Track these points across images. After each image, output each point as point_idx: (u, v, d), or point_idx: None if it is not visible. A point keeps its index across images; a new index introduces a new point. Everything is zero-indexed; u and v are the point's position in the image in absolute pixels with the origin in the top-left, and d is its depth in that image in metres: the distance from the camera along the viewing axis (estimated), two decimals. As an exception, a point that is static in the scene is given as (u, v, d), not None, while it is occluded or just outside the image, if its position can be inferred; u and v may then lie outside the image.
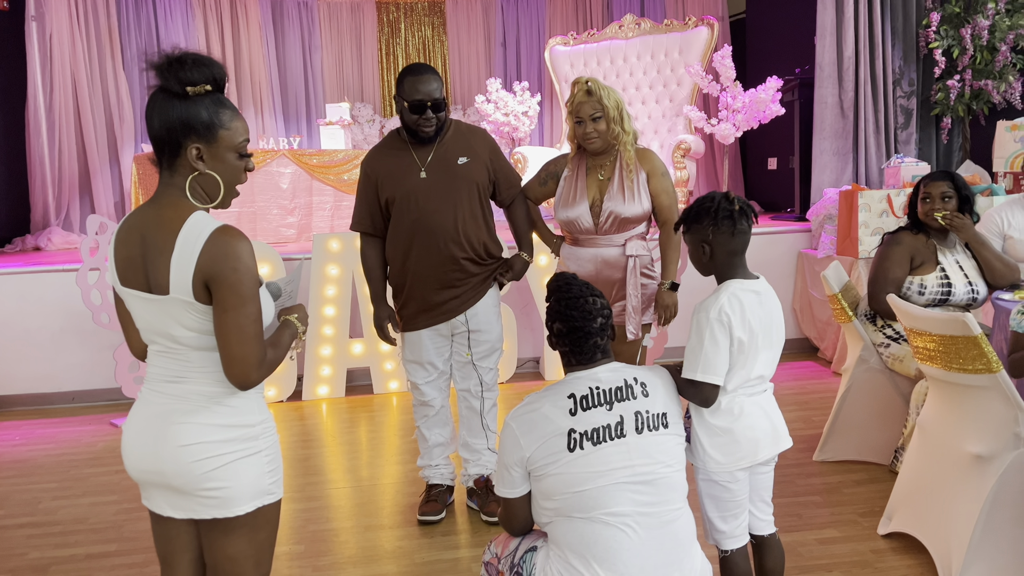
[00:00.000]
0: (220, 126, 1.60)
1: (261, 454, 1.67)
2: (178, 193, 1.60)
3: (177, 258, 1.53)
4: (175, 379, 1.63)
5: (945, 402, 2.56)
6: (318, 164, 6.70)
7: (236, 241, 1.55)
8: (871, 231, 4.71)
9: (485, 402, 3.12)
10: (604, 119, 2.82)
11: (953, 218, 3.18)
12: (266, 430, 1.69)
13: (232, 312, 1.54)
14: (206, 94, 1.59)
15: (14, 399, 4.96)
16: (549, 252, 3.92)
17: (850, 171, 6.01)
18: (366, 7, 9.28)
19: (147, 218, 1.59)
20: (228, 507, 1.63)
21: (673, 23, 7.32)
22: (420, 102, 2.81)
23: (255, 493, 1.66)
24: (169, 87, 1.56)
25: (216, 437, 1.61)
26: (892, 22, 5.90)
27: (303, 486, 3.56)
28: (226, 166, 1.63)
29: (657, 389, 1.92)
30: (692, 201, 2.15)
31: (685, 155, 6.34)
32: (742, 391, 2.04)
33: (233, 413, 1.63)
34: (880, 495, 3.12)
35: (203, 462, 1.60)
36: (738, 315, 1.99)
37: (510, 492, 1.91)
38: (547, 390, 1.91)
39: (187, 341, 1.60)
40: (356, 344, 4.98)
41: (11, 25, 7.11)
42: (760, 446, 2.04)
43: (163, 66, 1.56)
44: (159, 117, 1.57)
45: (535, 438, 1.83)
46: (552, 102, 8.72)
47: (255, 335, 1.57)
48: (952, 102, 5.80)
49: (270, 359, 1.63)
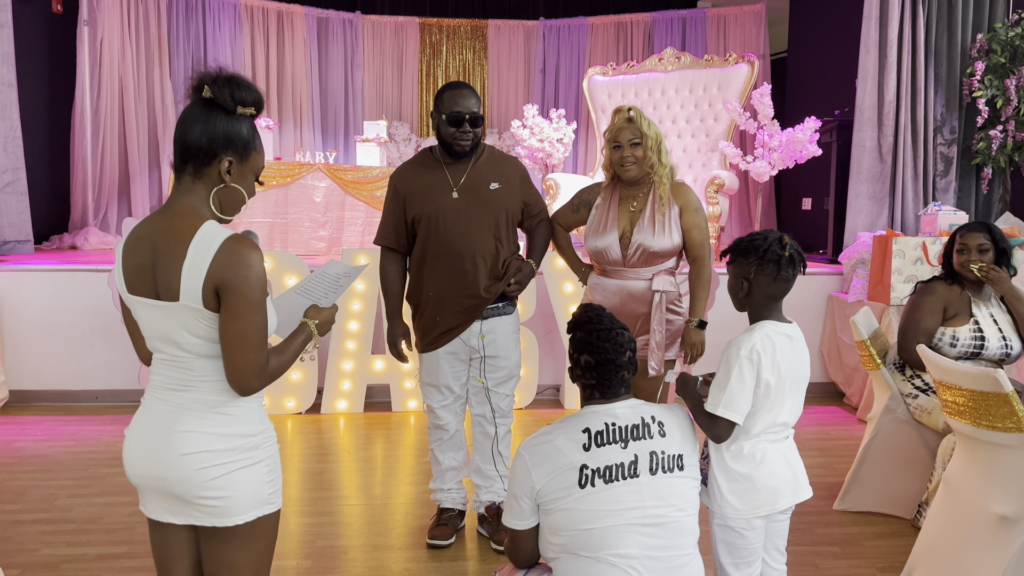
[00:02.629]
0: (254, 148, 1.69)
1: (261, 464, 1.69)
2: (194, 202, 1.65)
3: (189, 264, 1.57)
4: (179, 387, 1.65)
5: (972, 459, 2.50)
6: (352, 180, 6.77)
7: (248, 250, 1.59)
8: (904, 278, 4.64)
9: (499, 428, 3.09)
10: (642, 147, 2.81)
11: (989, 270, 3.12)
12: (267, 440, 1.71)
13: (240, 320, 1.58)
14: (249, 116, 1.68)
15: (39, 394, 5.03)
16: (576, 280, 3.90)
17: (885, 216, 5.94)
18: (409, 28, 9.41)
19: (159, 227, 1.63)
20: (228, 516, 1.65)
21: (714, 59, 7.33)
22: (459, 114, 2.82)
23: (255, 503, 1.68)
24: (223, 102, 1.63)
25: (218, 446, 1.63)
26: (936, 68, 5.85)
27: (315, 500, 3.55)
28: (247, 185, 1.71)
29: (674, 430, 1.89)
30: (738, 237, 2.14)
31: (719, 191, 6.31)
32: (765, 437, 2.01)
33: (234, 422, 1.66)
34: (901, 550, 3.04)
35: (205, 471, 1.62)
36: (769, 356, 1.97)
37: (518, 524, 1.88)
38: (562, 422, 1.89)
39: (192, 348, 1.63)
40: (378, 360, 4.98)
41: (63, 28, 7.31)
42: (780, 495, 2.01)
43: (220, 81, 1.63)
44: (203, 126, 1.63)
45: (546, 470, 1.81)
46: (588, 131, 8.75)
47: (259, 343, 1.61)
48: (994, 152, 5.73)
49: (272, 367, 1.66)
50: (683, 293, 2.95)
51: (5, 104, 5.87)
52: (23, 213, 6.05)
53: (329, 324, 1.87)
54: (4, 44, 5.84)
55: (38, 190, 6.46)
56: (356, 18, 9.16)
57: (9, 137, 5.91)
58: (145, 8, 7.85)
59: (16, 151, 5.96)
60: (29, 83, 6.39)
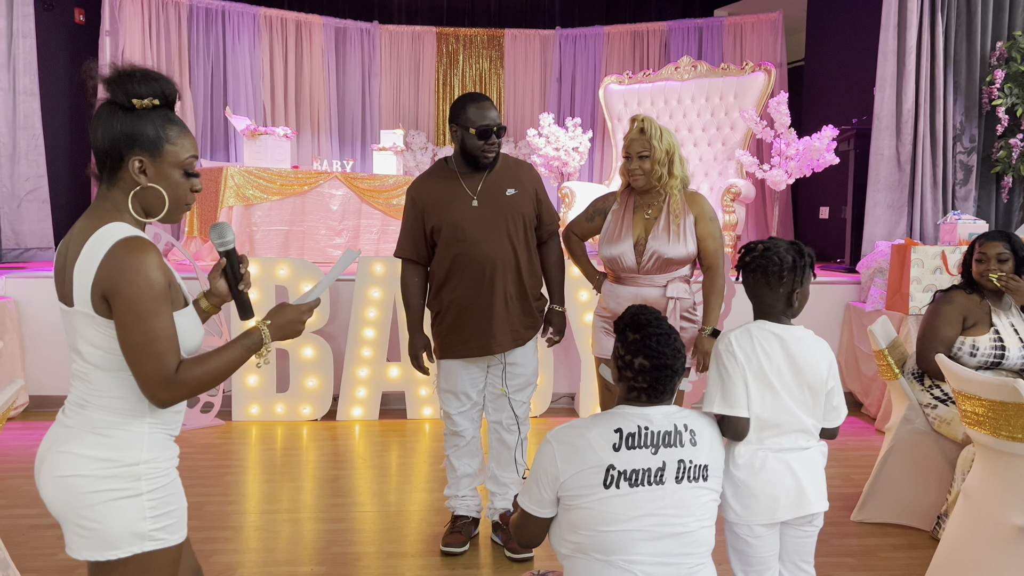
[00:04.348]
0: (166, 141, 1.54)
1: (142, 497, 1.52)
2: (110, 207, 1.54)
3: (79, 268, 1.48)
4: (79, 403, 1.56)
5: (992, 470, 2.46)
6: (368, 188, 6.81)
7: (137, 253, 1.46)
8: (923, 287, 4.60)
9: (517, 436, 3.09)
10: (650, 160, 2.81)
11: (1009, 280, 3.09)
12: (152, 471, 1.55)
13: (128, 329, 1.46)
14: (154, 108, 1.54)
15: (58, 400, 5.05)
16: (590, 288, 3.90)
17: (904, 225, 5.89)
18: (426, 37, 9.47)
19: (74, 231, 1.53)
20: (98, 550, 1.51)
21: (730, 67, 7.32)
22: (487, 127, 2.83)
23: (129, 537, 1.51)
24: (116, 99, 1.52)
25: (91, 471, 1.50)
26: (955, 77, 5.81)
27: (329, 507, 3.56)
28: (170, 182, 1.56)
29: (704, 439, 1.87)
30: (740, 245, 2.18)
31: (735, 199, 6.29)
32: (769, 444, 2.01)
33: (113, 447, 1.52)
34: (919, 562, 3.01)
35: (77, 497, 1.50)
36: (746, 350, 2.01)
37: (534, 509, 1.86)
38: (595, 417, 1.87)
39: (92, 359, 1.53)
40: (393, 368, 5.00)
41: (86, 38, 7.41)
42: (779, 505, 2.00)
43: (112, 79, 1.52)
44: (103, 129, 1.52)
45: (574, 464, 1.79)
46: (603, 139, 8.75)
47: (155, 353, 1.47)
48: (1014, 161, 5.67)
49: (188, 377, 1.51)
50: (697, 302, 2.94)
51: (27, 113, 5.96)
52: (44, 221, 6.13)
53: (293, 325, 1.70)
54: (27, 54, 5.93)
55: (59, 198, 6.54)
56: (374, 28, 9.23)
57: (31, 146, 6.00)
58: (166, 18, 7.95)
59: (38, 159, 6.05)
60: (51, 93, 6.48)
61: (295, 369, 4.91)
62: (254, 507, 3.56)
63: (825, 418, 2.09)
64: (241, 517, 3.43)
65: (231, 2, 8.41)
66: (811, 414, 2.06)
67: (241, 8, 8.44)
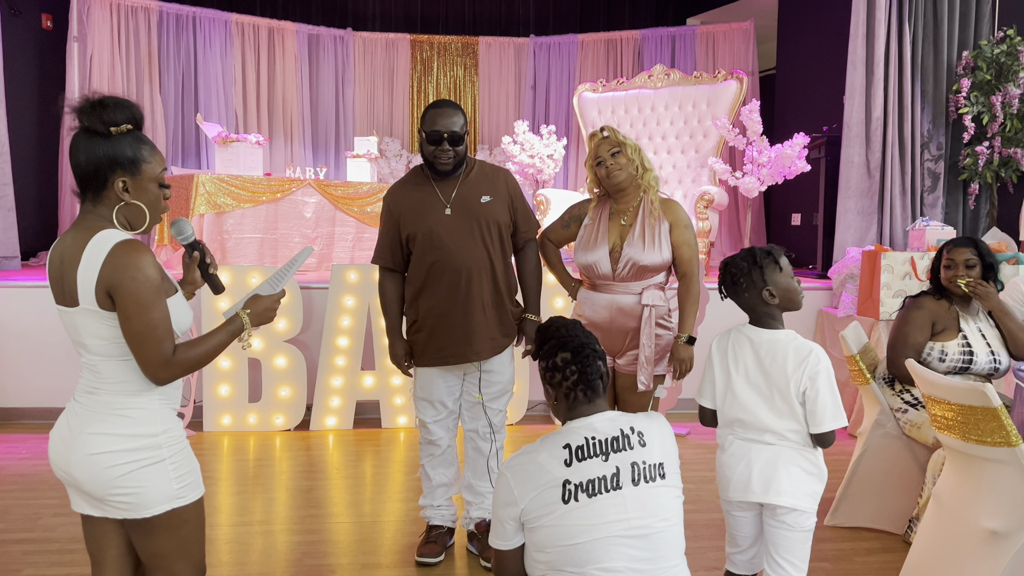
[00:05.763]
0: (142, 160, 1.75)
1: (165, 462, 1.78)
2: (97, 219, 1.74)
3: (82, 269, 1.68)
4: (89, 390, 1.78)
5: (962, 474, 2.49)
6: (343, 195, 6.77)
7: (136, 253, 1.69)
8: (893, 293, 4.66)
9: (492, 444, 3.08)
10: (623, 153, 2.85)
11: (976, 286, 3.13)
12: (169, 439, 1.80)
13: (132, 320, 1.69)
14: (127, 132, 1.73)
15: (24, 412, 4.98)
16: (566, 295, 3.90)
17: (874, 231, 5.97)
18: (400, 44, 9.46)
19: (67, 241, 1.74)
20: (139, 510, 1.77)
21: (703, 75, 7.38)
22: (437, 133, 2.83)
23: (163, 497, 1.78)
24: (94, 127, 1.70)
25: (120, 447, 1.74)
26: (922, 85, 5.90)
27: (303, 518, 3.52)
28: (148, 195, 1.78)
29: (654, 438, 1.88)
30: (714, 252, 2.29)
31: (708, 206, 6.33)
32: (737, 430, 2.22)
33: (134, 424, 1.76)
34: (892, 566, 3.03)
35: (110, 470, 1.73)
36: (722, 349, 2.28)
37: (502, 544, 1.87)
38: (543, 439, 1.88)
39: (97, 350, 1.74)
40: (367, 376, 4.96)
41: (53, 44, 7.31)
42: (730, 485, 2.21)
43: (86, 108, 1.70)
44: (86, 155, 1.71)
45: (530, 488, 1.79)
46: (578, 146, 8.79)
47: (156, 339, 1.70)
48: (980, 168, 5.77)
49: (183, 359, 1.76)
50: (672, 309, 2.95)
51: (-7, 120, 5.85)
52: (10, 229, 6.02)
53: (268, 313, 1.96)
54: (-7, 60, 5.83)
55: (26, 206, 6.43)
56: (347, 35, 9.20)
57: (-3, 153, 5.89)
58: (135, 24, 7.87)
59: (4, 167, 5.94)
60: (17, 99, 6.37)
61: (268, 378, 4.86)
62: (226, 519, 3.51)
63: (809, 423, 2.13)
64: (213, 530, 3.37)
65: (202, 8, 8.34)
66: (781, 416, 2.14)
67: (212, 14, 8.38)
